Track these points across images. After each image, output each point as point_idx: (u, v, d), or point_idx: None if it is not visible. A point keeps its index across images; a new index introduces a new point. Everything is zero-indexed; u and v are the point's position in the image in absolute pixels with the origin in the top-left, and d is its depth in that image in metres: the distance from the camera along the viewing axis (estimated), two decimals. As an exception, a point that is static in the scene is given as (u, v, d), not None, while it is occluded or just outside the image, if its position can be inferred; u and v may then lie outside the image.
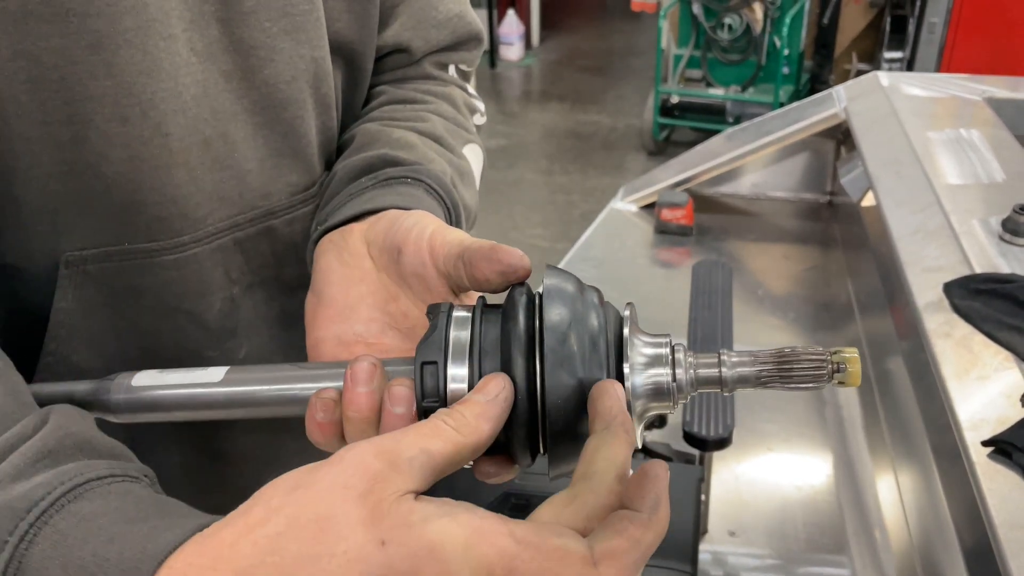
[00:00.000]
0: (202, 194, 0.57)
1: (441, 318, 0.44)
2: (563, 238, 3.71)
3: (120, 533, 0.36)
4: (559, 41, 6.56)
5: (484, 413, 0.40)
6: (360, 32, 0.66)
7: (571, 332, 0.41)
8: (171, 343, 0.61)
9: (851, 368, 0.41)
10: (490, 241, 0.47)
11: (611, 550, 0.35)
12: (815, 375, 0.42)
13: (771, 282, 1.56)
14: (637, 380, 0.42)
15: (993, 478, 0.71)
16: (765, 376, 0.42)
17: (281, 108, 0.60)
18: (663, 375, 0.43)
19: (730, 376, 0.43)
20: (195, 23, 0.54)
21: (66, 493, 0.38)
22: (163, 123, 0.53)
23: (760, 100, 4.24)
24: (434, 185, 0.60)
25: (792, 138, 1.60)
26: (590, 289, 0.44)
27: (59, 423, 0.41)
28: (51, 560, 0.36)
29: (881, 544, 1.02)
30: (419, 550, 0.33)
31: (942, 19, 3.75)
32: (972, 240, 1.02)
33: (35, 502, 0.37)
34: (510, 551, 0.34)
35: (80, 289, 0.57)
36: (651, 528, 0.36)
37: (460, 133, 0.70)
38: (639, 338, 0.44)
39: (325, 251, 0.55)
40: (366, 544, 0.33)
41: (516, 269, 0.45)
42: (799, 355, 0.42)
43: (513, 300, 0.44)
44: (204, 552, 0.35)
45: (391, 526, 0.34)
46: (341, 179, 0.61)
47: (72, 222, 0.55)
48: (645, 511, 0.36)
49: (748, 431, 1.17)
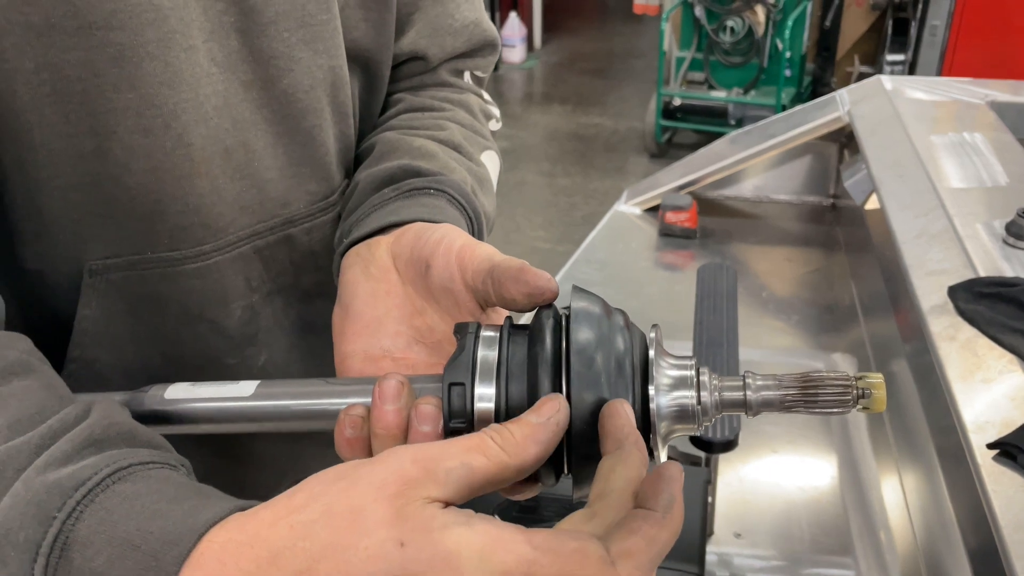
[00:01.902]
0: (224, 203, 0.58)
1: (469, 339, 0.44)
2: (565, 240, 3.72)
3: (162, 510, 0.38)
4: (561, 43, 6.57)
5: (534, 435, 0.39)
6: (377, 40, 0.66)
7: (597, 355, 0.42)
8: (192, 350, 0.61)
9: (876, 393, 0.41)
10: (520, 261, 0.47)
11: (627, 549, 0.36)
12: (840, 400, 0.42)
13: (775, 285, 1.57)
14: (662, 402, 0.43)
15: (998, 480, 0.71)
16: (790, 401, 0.42)
17: (300, 117, 0.61)
18: (688, 397, 0.43)
19: (755, 399, 0.43)
20: (215, 34, 0.55)
21: (111, 474, 0.39)
22: (185, 134, 0.54)
23: (762, 103, 4.25)
24: (456, 195, 0.60)
25: (795, 141, 1.60)
26: (616, 312, 0.45)
27: (103, 413, 0.43)
28: (97, 535, 0.37)
29: (886, 546, 1.03)
30: (435, 555, 0.34)
31: (944, 22, 3.75)
32: (976, 243, 1.03)
33: (82, 481, 0.38)
34: (528, 556, 0.35)
35: (104, 297, 0.58)
36: (666, 527, 0.37)
37: (477, 140, 0.71)
38: (664, 360, 0.44)
39: (351, 264, 0.56)
40: (386, 542, 0.34)
41: (543, 291, 0.45)
42: (824, 380, 0.42)
43: (540, 322, 0.44)
44: (244, 529, 0.37)
45: (412, 528, 0.35)
46: (363, 190, 0.62)
47: (95, 231, 0.56)
48: (660, 510, 0.37)
49: (753, 434, 1.17)
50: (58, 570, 0.37)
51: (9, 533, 0.38)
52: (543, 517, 0.81)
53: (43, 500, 0.38)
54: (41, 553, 0.37)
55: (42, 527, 0.37)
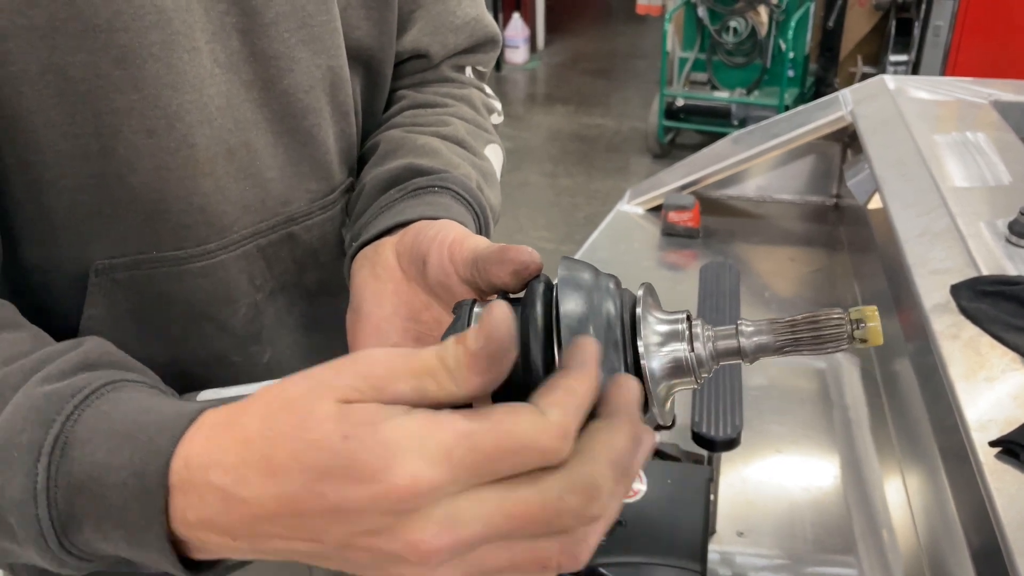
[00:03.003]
0: (227, 202, 0.58)
1: (464, 310, 0.45)
2: (568, 240, 3.72)
3: (155, 406, 0.41)
4: (564, 44, 6.57)
5: (476, 366, 0.37)
6: (379, 39, 0.67)
7: (586, 316, 0.42)
8: (198, 349, 0.62)
9: (870, 324, 0.41)
10: (500, 244, 0.47)
11: (553, 401, 0.37)
12: (834, 336, 0.41)
13: (778, 284, 1.57)
14: (654, 357, 0.42)
15: (1001, 478, 0.71)
16: (782, 342, 0.42)
17: (300, 117, 0.61)
18: (681, 350, 0.43)
19: (748, 345, 0.42)
20: (217, 35, 0.55)
21: (106, 384, 0.43)
22: (189, 134, 0.55)
23: (765, 103, 4.24)
24: (461, 192, 0.61)
25: (798, 141, 1.60)
26: (606, 276, 0.45)
27: (97, 343, 0.47)
28: (95, 432, 0.40)
29: (889, 545, 1.03)
30: (376, 444, 0.35)
31: (947, 22, 3.75)
32: (979, 242, 1.03)
33: (79, 389, 0.42)
34: (464, 428, 0.35)
35: (110, 297, 0.58)
36: (583, 379, 0.38)
37: (481, 134, 0.71)
38: (654, 315, 0.44)
39: (360, 267, 0.56)
40: (331, 435, 0.36)
41: (527, 265, 0.46)
42: (817, 319, 0.41)
43: (531, 291, 0.44)
44: (228, 414, 0.39)
45: (354, 423, 0.36)
46: (369, 192, 0.62)
47: (101, 232, 0.56)
48: (574, 367, 0.38)
49: (756, 433, 1.17)
50: (60, 467, 0.40)
51: (12, 436, 0.40)
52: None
53: (42, 406, 0.41)
54: (43, 452, 0.40)
55: (43, 429, 0.40)
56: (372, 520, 0.36)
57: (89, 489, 0.39)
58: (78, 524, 0.40)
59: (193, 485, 0.38)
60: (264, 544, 0.38)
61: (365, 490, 0.35)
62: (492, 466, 0.35)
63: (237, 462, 0.37)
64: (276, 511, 0.37)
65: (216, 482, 0.37)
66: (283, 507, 0.37)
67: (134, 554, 0.40)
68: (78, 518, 0.40)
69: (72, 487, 0.39)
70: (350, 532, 0.36)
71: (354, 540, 0.36)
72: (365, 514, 0.35)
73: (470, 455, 0.35)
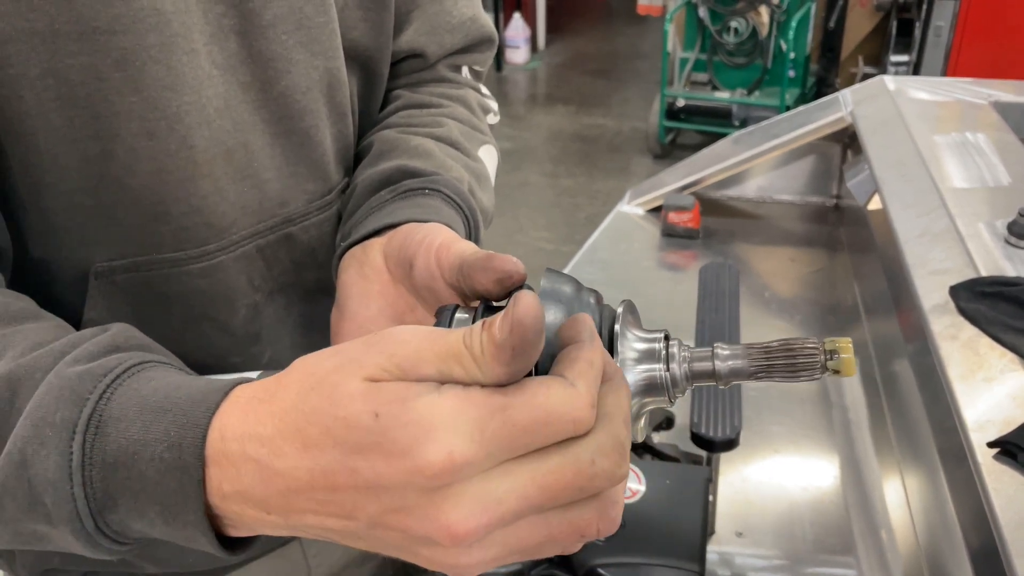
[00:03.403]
0: (226, 203, 0.59)
1: (445, 317, 0.45)
2: (568, 241, 3.72)
3: (186, 383, 0.42)
4: (565, 44, 6.57)
5: (499, 357, 0.36)
6: (376, 40, 0.67)
7: None
8: (198, 350, 0.62)
9: (844, 355, 0.41)
10: (486, 251, 0.47)
11: (579, 372, 0.38)
12: (807, 365, 0.42)
13: (777, 285, 1.57)
14: (628, 375, 0.43)
15: (999, 479, 0.71)
16: (756, 368, 0.43)
17: (297, 118, 0.61)
18: (656, 369, 0.43)
19: (723, 369, 0.43)
20: (215, 37, 0.56)
21: (136, 364, 0.43)
22: (188, 136, 0.55)
23: (766, 103, 4.25)
24: (452, 195, 0.61)
25: (798, 142, 1.60)
26: (588, 291, 0.45)
27: (123, 328, 0.47)
28: (128, 409, 0.40)
29: (888, 545, 1.03)
30: (409, 421, 0.35)
31: (948, 23, 3.75)
32: (978, 243, 1.03)
33: (110, 368, 0.42)
34: (497, 403, 0.35)
35: (109, 299, 0.58)
36: (596, 351, 0.39)
37: (475, 135, 0.71)
38: (632, 332, 0.44)
39: (347, 266, 0.57)
40: (362, 414, 0.36)
41: (511, 275, 0.46)
42: (792, 347, 0.42)
43: None
44: (264, 388, 0.40)
45: (385, 400, 0.36)
46: (361, 193, 0.62)
47: (100, 234, 0.56)
48: (586, 340, 0.40)
49: (755, 433, 1.17)
50: (95, 445, 0.40)
51: (46, 415, 0.40)
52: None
53: (76, 385, 0.41)
54: (78, 431, 0.40)
55: (76, 407, 0.40)
56: (404, 497, 0.36)
57: (125, 465, 0.39)
58: (113, 502, 0.40)
59: (229, 457, 0.38)
60: (297, 519, 0.39)
61: (398, 465, 0.35)
62: (527, 439, 0.35)
63: (273, 434, 0.38)
64: (310, 484, 0.37)
65: (252, 454, 0.38)
66: (317, 480, 0.37)
67: (170, 532, 0.40)
68: (113, 496, 0.40)
69: (107, 464, 0.39)
70: (382, 509, 0.36)
71: (386, 518, 0.37)
72: (398, 490, 0.36)
73: (504, 428, 0.35)
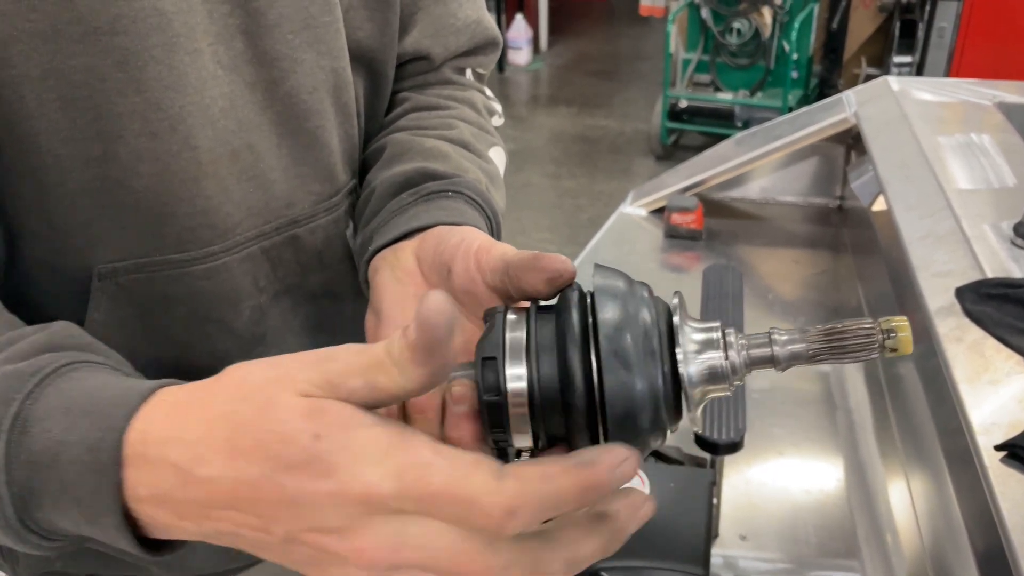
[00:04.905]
0: (231, 204, 0.58)
1: (498, 319, 0.45)
2: (571, 242, 3.72)
3: (112, 383, 0.43)
4: (567, 46, 6.57)
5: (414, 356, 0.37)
6: (382, 40, 0.67)
7: (624, 325, 0.43)
8: (202, 352, 0.62)
9: (901, 335, 0.42)
10: (531, 252, 0.48)
11: (521, 474, 0.37)
12: (866, 346, 0.42)
13: (781, 286, 1.56)
14: (692, 366, 0.44)
15: (1006, 482, 0.71)
16: (814, 351, 0.43)
17: (303, 118, 0.61)
18: (716, 358, 0.44)
19: (782, 354, 0.43)
20: (221, 36, 0.55)
21: (67, 364, 0.43)
22: (191, 136, 0.55)
23: (769, 104, 4.24)
24: (474, 196, 0.61)
25: (802, 143, 1.60)
26: (639, 284, 0.46)
27: (64, 327, 0.48)
28: (53, 409, 0.41)
29: (892, 548, 1.02)
30: (345, 448, 0.36)
31: (951, 24, 3.75)
32: (983, 245, 1.02)
33: (40, 368, 0.43)
34: (423, 459, 0.37)
35: (113, 301, 0.58)
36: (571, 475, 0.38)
37: (485, 137, 0.71)
38: (689, 325, 0.45)
39: (379, 269, 0.57)
40: (302, 433, 0.37)
41: (562, 274, 0.46)
42: (849, 328, 0.43)
43: (565, 299, 0.45)
44: (193, 391, 0.41)
45: (328, 424, 0.37)
46: (381, 195, 0.62)
47: (104, 235, 0.56)
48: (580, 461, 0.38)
49: (759, 435, 1.17)
50: (21, 445, 0.40)
51: None
52: (547, 518, 0.81)
53: (4, 385, 0.42)
54: (3, 430, 0.41)
55: (3, 407, 0.41)
56: (325, 517, 0.37)
57: (47, 466, 0.40)
58: (38, 501, 0.40)
59: (148, 460, 0.39)
60: (211, 526, 0.39)
61: (325, 486, 0.36)
62: (433, 504, 0.36)
63: (197, 440, 0.38)
64: (232, 494, 0.38)
65: (173, 458, 0.38)
66: (239, 491, 0.38)
67: (93, 532, 0.41)
68: (37, 494, 0.40)
69: (31, 464, 0.40)
70: (300, 527, 0.38)
71: (302, 535, 0.38)
72: (319, 510, 0.37)
73: (417, 485, 0.36)
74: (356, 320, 0.71)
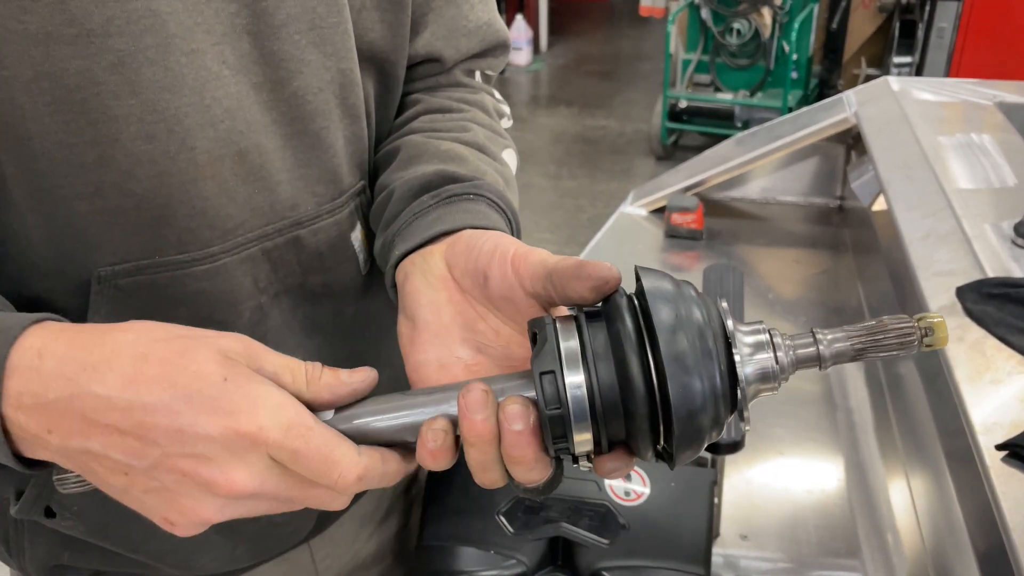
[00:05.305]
0: (233, 205, 0.58)
1: (549, 330, 0.46)
2: (571, 242, 3.72)
3: (4, 314, 0.47)
4: (567, 46, 6.57)
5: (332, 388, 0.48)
6: (393, 42, 0.66)
7: (680, 327, 0.43)
8: None
9: (939, 332, 0.45)
10: (575, 258, 0.48)
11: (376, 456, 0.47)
12: (905, 344, 0.45)
13: (781, 286, 1.56)
14: (748, 367, 0.45)
15: (1007, 482, 0.71)
16: (859, 348, 0.45)
17: (309, 119, 0.61)
18: (767, 359, 0.45)
19: (827, 352, 0.46)
20: (227, 36, 0.55)
21: None
22: (188, 138, 0.54)
23: (769, 105, 4.24)
24: (495, 199, 0.60)
25: (802, 143, 1.60)
26: (685, 283, 0.46)
27: None
28: None
29: (893, 548, 1.02)
30: (247, 394, 0.44)
31: (951, 24, 3.75)
32: (984, 244, 1.02)
33: None
34: (308, 422, 0.45)
35: (113, 303, 0.58)
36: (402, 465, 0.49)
37: (497, 139, 0.71)
38: (740, 328, 0.46)
39: (409, 274, 0.56)
40: (213, 373, 0.44)
41: (608, 281, 0.46)
42: (888, 325, 0.45)
43: (615, 305, 0.46)
44: (97, 328, 0.46)
45: (237, 373, 0.44)
46: (400, 197, 0.61)
47: (102, 238, 0.56)
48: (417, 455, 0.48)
49: (759, 435, 1.17)
50: None
51: None
52: (550, 518, 0.81)
53: None
54: None
55: None
56: (208, 447, 0.43)
57: None
58: None
59: (40, 373, 0.43)
60: (78, 443, 0.44)
61: (222, 421, 0.43)
62: (304, 459, 0.44)
63: (100, 362, 0.43)
64: (121, 414, 0.42)
65: (70, 374, 0.43)
66: (131, 412, 0.42)
67: None
68: None
69: None
70: (178, 451, 0.43)
71: (175, 460, 0.43)
72: (204, 440, 0.43)
73: (297, 441, 0.44)
74: (356, 320, 0.71)
